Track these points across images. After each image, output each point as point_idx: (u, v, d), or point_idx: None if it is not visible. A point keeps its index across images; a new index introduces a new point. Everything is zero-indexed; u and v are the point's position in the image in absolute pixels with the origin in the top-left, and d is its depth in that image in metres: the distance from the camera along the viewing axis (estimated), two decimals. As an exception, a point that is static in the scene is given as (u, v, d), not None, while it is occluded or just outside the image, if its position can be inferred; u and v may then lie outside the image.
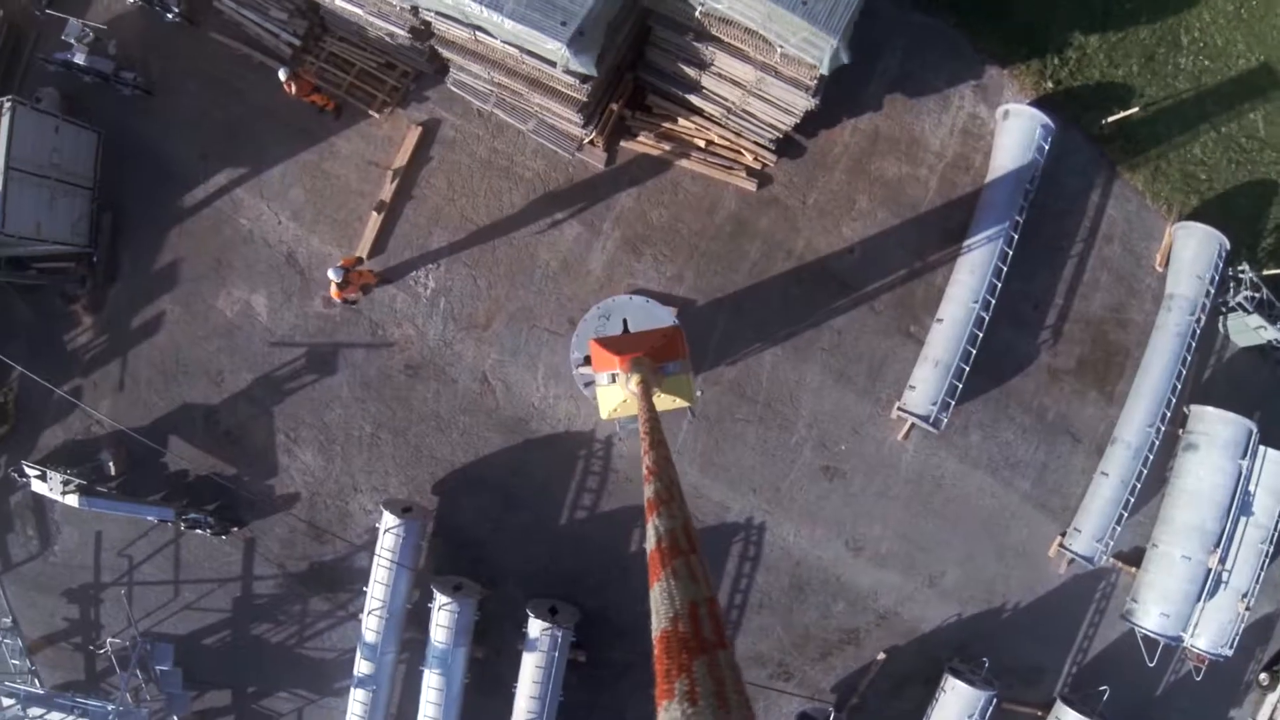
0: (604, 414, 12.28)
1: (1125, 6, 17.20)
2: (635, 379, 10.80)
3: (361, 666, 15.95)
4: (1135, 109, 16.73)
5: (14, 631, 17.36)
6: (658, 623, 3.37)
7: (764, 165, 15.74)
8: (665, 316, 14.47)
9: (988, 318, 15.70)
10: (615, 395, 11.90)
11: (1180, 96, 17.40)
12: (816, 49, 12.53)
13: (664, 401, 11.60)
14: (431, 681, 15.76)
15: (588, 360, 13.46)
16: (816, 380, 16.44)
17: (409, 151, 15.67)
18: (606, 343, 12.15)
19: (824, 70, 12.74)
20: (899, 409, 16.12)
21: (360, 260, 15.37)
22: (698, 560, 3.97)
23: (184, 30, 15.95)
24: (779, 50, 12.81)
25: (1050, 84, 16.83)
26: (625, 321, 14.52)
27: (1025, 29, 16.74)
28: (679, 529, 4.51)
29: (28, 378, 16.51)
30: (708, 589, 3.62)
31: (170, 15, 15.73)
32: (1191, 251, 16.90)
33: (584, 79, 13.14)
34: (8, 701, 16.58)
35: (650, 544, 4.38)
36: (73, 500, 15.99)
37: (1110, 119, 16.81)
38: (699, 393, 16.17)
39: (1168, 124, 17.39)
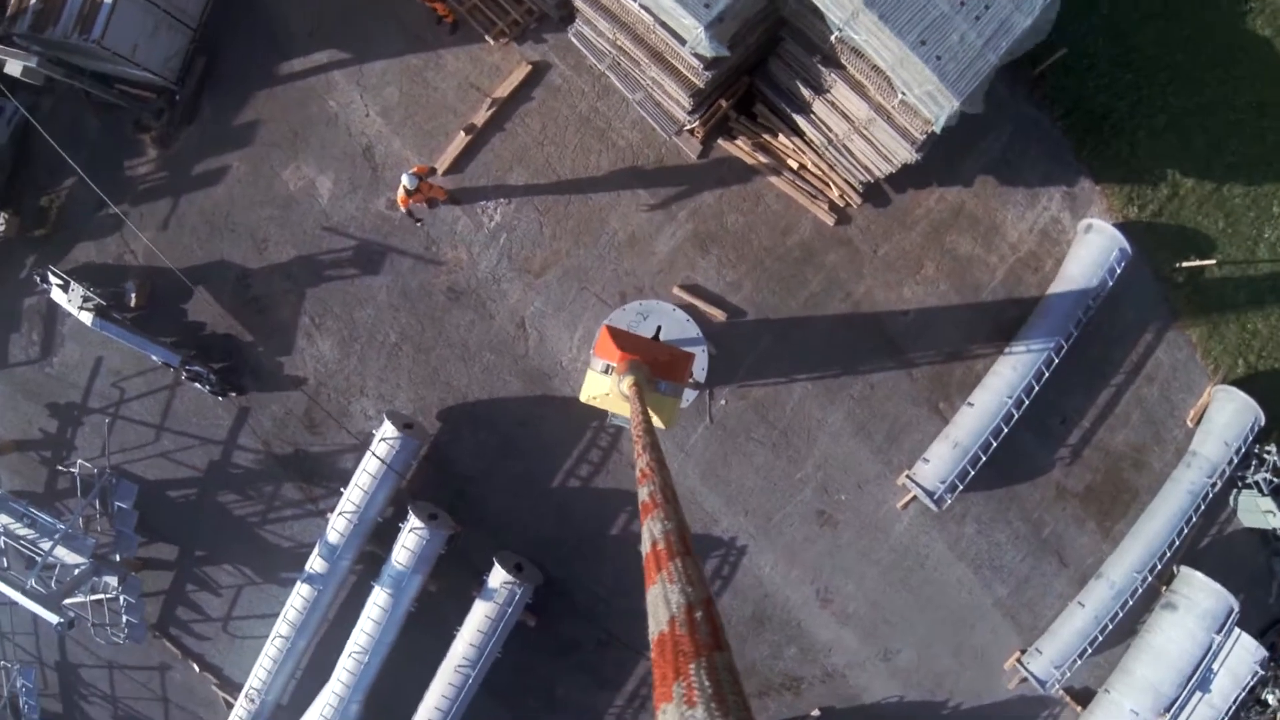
0: (583, 397, 12.59)
1: (1227, 160, 17.61)
2: (629, 381, 11.10)
3: (315, 563, 16.18)
4: (1211, 262, 17.15)
5: (-21, 429, 17.66)
6: (655, 626, 3.42)
7: (847, 204, 16.15)
8: (696, 341, 14.99)
9: (1017, 416, 16.02)
10: (600, 385, 12.22)
11: (1257, 265, 17.76)
12: (937, 105, 12.95)
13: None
14: (379, 599, 15.94)
15: None
16: (837, 425, 16.78)
17: (513, 86, 16.09)
18: (618, 335, 12.46)
19: (937, 128, 13.15)
20: (908, 477, 16.41)
21: (433, 171, 15.80)
22: (693, 562, 4.05)
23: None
24: (899, 96, 13.22)
25: (1136, 211, 17.21)
26: (659, 329, 15.00)
27: (1127, 151, 17.16)
28: (674, 531, 4.59)
29: (77, 188, 16.93)
30: (704, 590, 3.68)
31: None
32: (1226, 416, 17.22)
33: (708, 64, 13.55)
34: (-48, 498, 16.78)
35: (645, 547, 4.50)
36: (86, 317, 16.31)
37: (1184, 264, 17.20)
38: (722, 401, 16.56)
39: (1238, 287, 17.74)
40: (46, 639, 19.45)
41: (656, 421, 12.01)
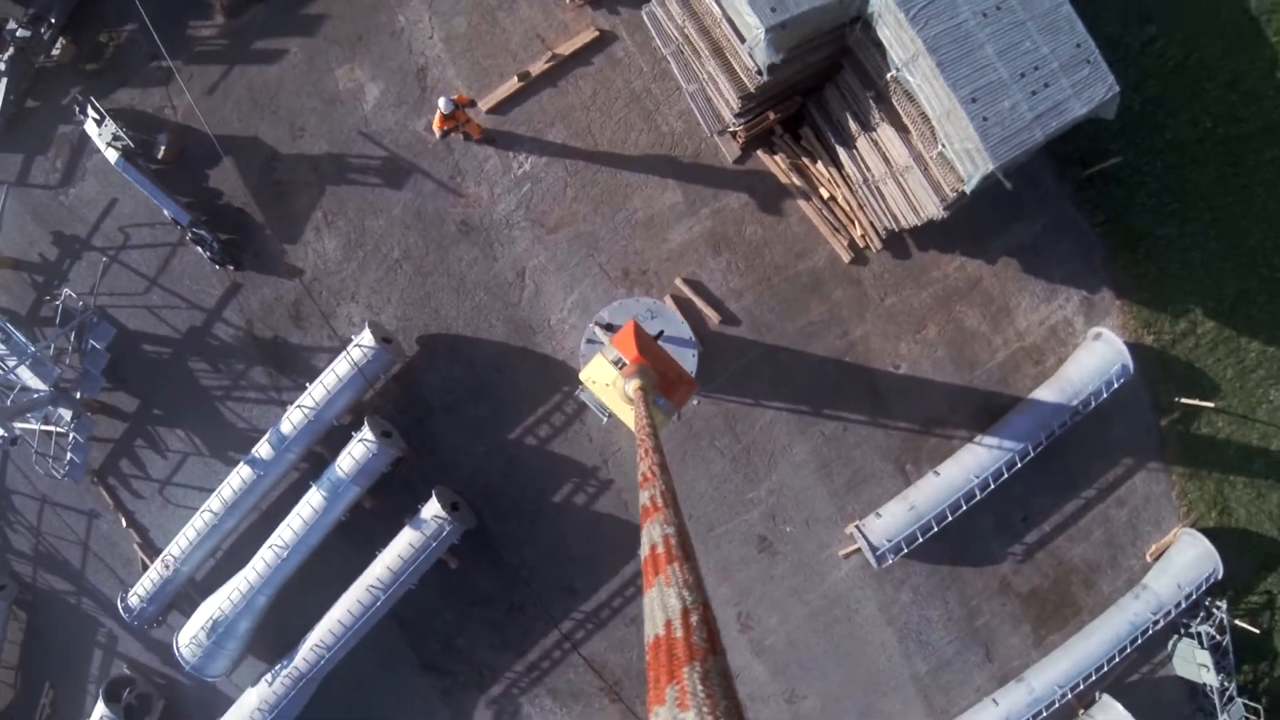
0: (583, 375, 12.95)
1: (1253, 313, 17.84)
2: (635, 384, 11.37)
3: (262, 449, 16.67)
4: (1210, 405, 17.41)
5: (-9, 236, 18.31)
6: (650, 629, 3.47)
7: (867, 246, 16.51)
8: (689, 360, 15.62)
9: (979, 498, 16.16)
10: (605, 372, 12.57)
11: (1254, 422, 17.95)
12: (972, 165, 13.27)
13: (627, 415, 12.14)
14: (313, 499, 16.41)
15: (609, 328, 14.32)
16: (802, 457, 17.10)
17: (576, 47, 16.63)
18: (641, 335, 12.76)
19: (969, 189, 13.46)
20: (856, 527, 16.59)
21: (473, 104, 16.41)
22: (691, 567, 4.10)
23: None
24: (939, 148, 13.58)
25: (1150, 338, 17.47)
26: (662, 333, 15.49)
27: (1156, 275, 17.47)
28: (675, 535, 4.63)
29: (138, 34, 17.63)
30: (701, 594, 3.74)
31: None
32: (1186, 559, 17.33)
33: (762, 70, 13.98)
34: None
35: (644, 550, 4.53)
36: (112, 155, 16.97)
37: (1183, 400, 17.45)
38: (695, 401, 16.89)
39: (1230, 440, 17.96)
40: (-13, 460, 20.07)
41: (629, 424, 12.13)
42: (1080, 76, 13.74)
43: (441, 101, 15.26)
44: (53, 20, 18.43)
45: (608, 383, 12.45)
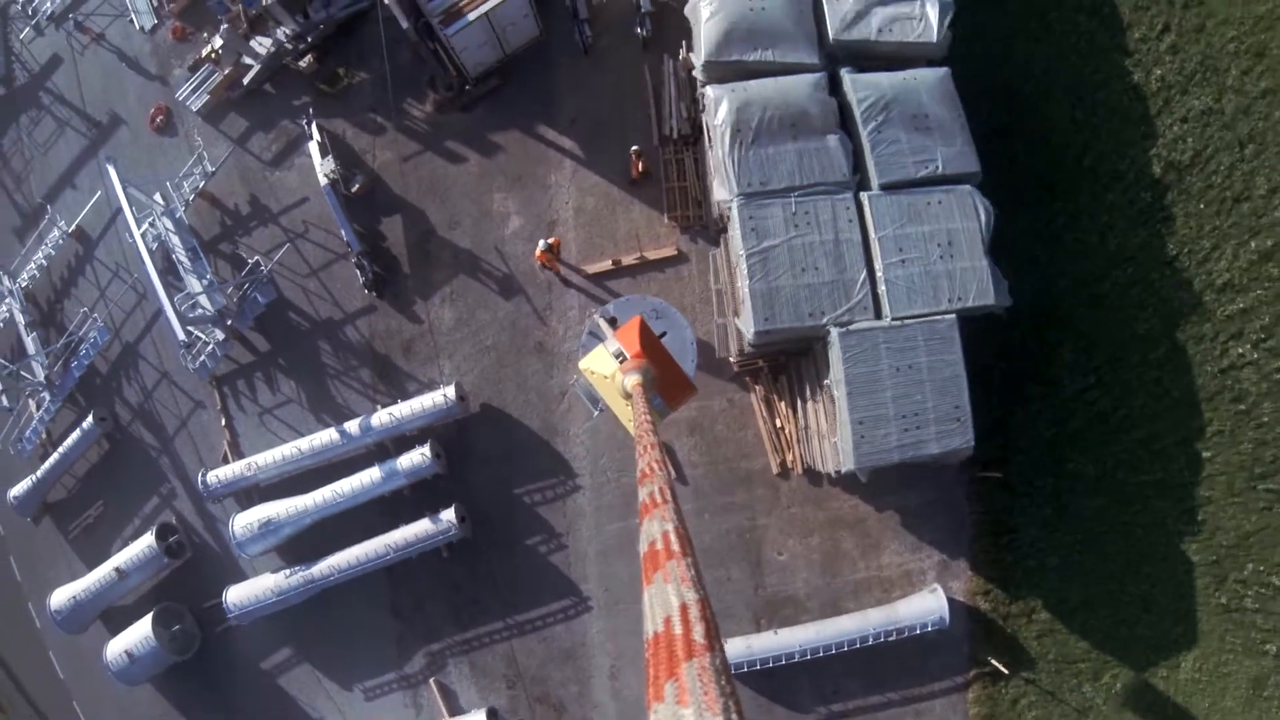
0: (582, 365, 17.50)
1: (1090, 619, 29.34)
2: (635, 379, 14.47)
3: (350, 426, 32.56)
4: (1006, 673, 30.19)
5: (205, 176, 34.45)
6: (649, 626, 4.81)
7: (793, 467, 31.06)
8: (689, 365, 25.81)
9: (797, 660, 30.23)
10: (605, 364, 16.10)
11: (1060, 702, 29.97)
12: (845, 459, 27.08)
13: (624, 411, 15.76)
14: (372, 474, 32.23)
15: (613, 323, 20.30)
16: (690, 594, 32.51)
17: (658, 256, 31.71)
18: (646, 333, 16.33)
19: (842, 470, 27.41)
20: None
21: (558, 251, 31.08)
22: (691, 563, 5.56)
23: (649, 54, 32.52)
24: (834, 439, 27.58)
25: (985, 605, 30.26)
26: (665, 334, 22.82)
27: (1010, 563, 30.08)
28: (673, 531, 6.16)
29: (367, 83, 33.56)
30: (701, 591, 5.09)
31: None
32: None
33: (751, 344, 29.46)
34: (159, 204, 33.37)
35: (643, 547, 6.22)
36: (323, 181, 32.31)
37: (993, 661, 30.03)
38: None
39: (1032, 705, 30.31)
40: (131, 323, 36.93)
41: (626, 422, 15.70)
42: (947, 429, 26.37)
43: (541, 242, 30.10)
44: (310, 39, 33.92)
45: (606, 375, 15.83)
